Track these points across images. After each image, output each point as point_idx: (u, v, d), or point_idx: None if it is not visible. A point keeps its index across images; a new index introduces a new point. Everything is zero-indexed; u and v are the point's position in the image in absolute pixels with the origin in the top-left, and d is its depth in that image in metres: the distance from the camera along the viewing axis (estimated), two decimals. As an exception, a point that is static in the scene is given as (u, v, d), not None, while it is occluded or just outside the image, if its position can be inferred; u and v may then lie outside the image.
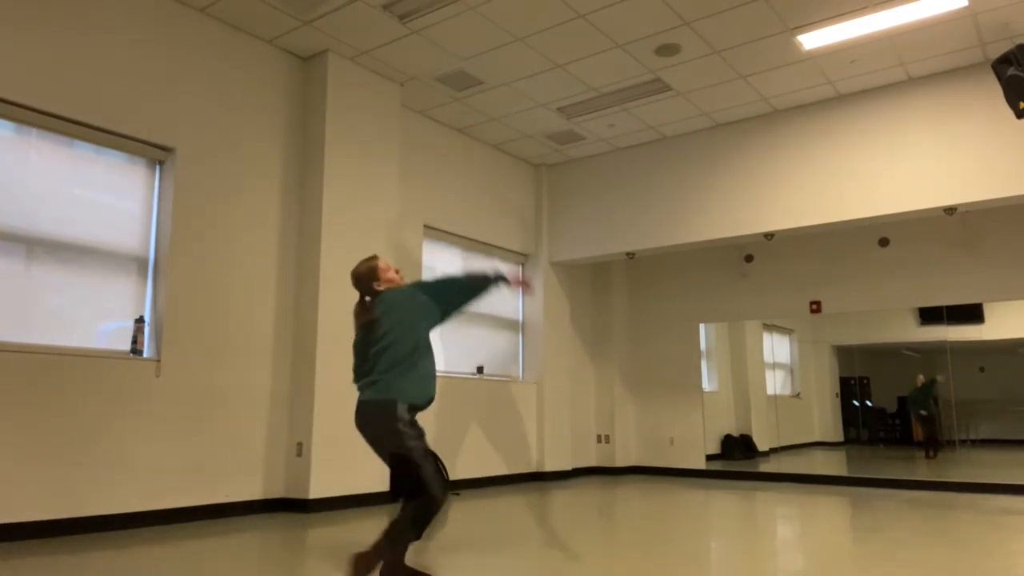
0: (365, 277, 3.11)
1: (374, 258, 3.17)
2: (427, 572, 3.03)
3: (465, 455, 7.13)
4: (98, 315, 4.75)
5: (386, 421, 2.86)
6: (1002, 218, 6.99)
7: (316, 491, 5.40)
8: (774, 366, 8.89)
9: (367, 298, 3.12)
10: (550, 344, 8.23)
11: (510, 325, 8.24)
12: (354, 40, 5.77)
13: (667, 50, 5.93)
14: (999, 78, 4.83)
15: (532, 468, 7.97)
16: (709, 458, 8.56)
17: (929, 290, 7.33)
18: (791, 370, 8.99)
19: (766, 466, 8.55)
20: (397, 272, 3.21)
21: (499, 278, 3.21)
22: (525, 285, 3.48)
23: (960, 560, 3.64)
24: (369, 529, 4.71)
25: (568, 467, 8.30)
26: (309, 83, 6.03)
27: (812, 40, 5.78)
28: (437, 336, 7.22)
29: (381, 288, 3.09)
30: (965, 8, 5.33)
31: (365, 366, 3.00)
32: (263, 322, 5.54)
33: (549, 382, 8.14)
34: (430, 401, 3.01)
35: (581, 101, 6.90)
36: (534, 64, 6.16)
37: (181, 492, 4.89)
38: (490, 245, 7.95)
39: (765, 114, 7.17)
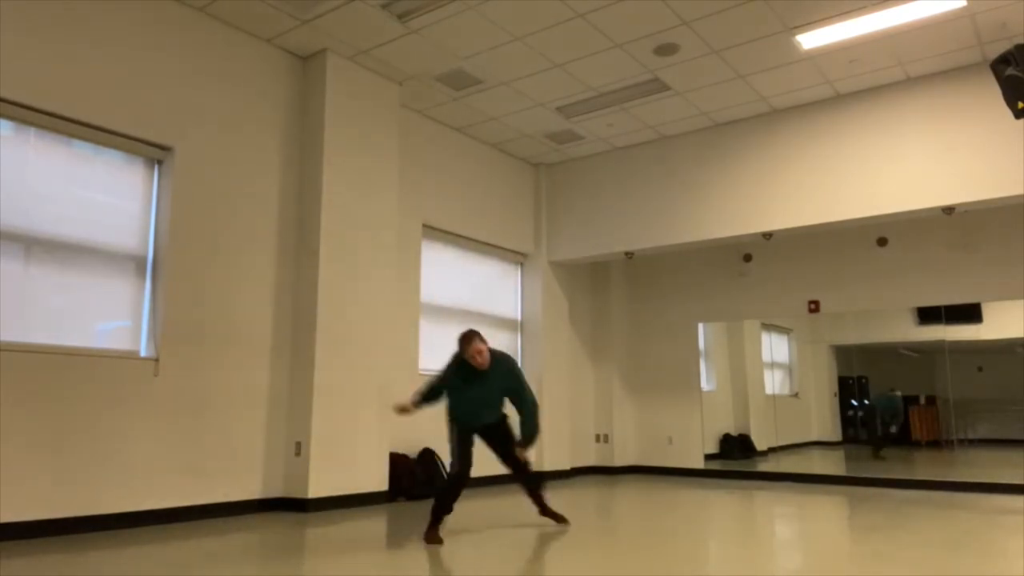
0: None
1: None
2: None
3: (464, 454, 7.12)
4: (97, 315, 4.74)
5: None
6: (1000, 218, 7.00)
7: (315, 490, 5.40)
8: (772, 366, 8.89)
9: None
10: (549, 344, 8.23)
11: (509, 325, 8.24)
12: (353, 39, 5.77)
13: (666, 50, 5.93)
14: (997, 78, 4.83)
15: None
16: (708, 457, 8.56)
17: (927, 290, 7.34)
18: (789, 370, 8.99)
19: (764, 465, 8.55)
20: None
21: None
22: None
23: (958, 560, 3.65)
24: (368, 528, 4.71)
25: (567, 466, 8.30)
26: (308, 82, 6.03)
27: (811, 40, 5.79)
28: (433, 334, 7.22)
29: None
30: (963, 8, 5.34)
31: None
32: (262, 322, 5.54)
33: (548, 381, 8.15)
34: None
35: (580, 101, 6.90)
36: (533, 64, 6.16)
37: (179, 491, 4.89)
38: (489, 244, 7.95)
39: (764, 114, 7.17)
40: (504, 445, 4.68)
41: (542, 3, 5.25)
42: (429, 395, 4.52)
